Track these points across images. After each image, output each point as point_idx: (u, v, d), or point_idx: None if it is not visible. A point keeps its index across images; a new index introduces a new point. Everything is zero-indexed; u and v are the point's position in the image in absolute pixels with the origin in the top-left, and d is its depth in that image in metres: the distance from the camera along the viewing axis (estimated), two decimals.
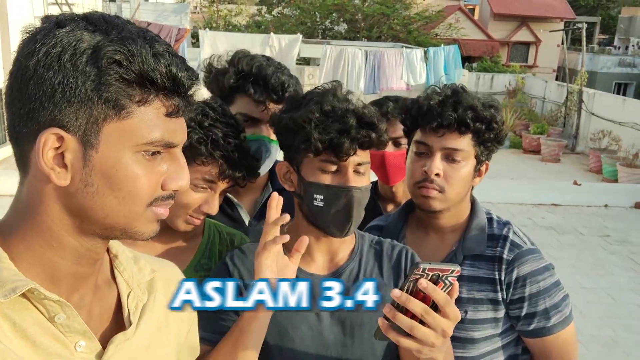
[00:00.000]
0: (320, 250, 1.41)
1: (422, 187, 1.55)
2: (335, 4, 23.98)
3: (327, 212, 1.32)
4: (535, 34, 29.00)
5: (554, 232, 7.52)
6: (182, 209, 1.42)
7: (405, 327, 1.02)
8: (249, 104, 1.69)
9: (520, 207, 8.41)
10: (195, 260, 1.53)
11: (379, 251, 1.47)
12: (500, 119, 1.59)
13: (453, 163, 1.54)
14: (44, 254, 0.80)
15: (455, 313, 1.04)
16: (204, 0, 32.77)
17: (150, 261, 1.03)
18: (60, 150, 0.75)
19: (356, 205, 1.31)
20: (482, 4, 31.31)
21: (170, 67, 0.77)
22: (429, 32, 25.05)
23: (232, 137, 1.43)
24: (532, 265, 1.55)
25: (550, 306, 1.54)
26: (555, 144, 12.75)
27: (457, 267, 1.02)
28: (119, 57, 0.74)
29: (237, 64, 1.71)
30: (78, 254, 0.82)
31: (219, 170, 1.42)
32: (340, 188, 1.30)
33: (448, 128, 1.53)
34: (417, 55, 12.01)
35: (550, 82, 16.45)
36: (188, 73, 0.80)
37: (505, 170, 11.30)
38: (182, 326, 1.05)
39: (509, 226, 1.64)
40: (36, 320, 0.78)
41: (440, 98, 1.57)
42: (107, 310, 0.90)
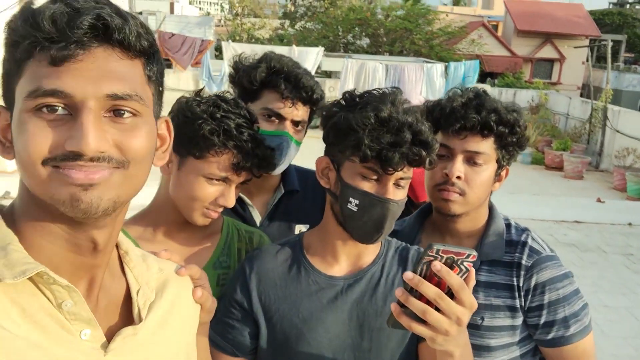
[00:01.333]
0: (345, 253, 1.39)
1: (443, 189, 1.52)
2: (358, 19, 24.14)
3: (359, 218, 1.29)
4: (560, 50, 28.77)
5: (576, 249, 7.39)
6: (198, 203, 1.41)
7: (418, 312, 0.99)
8: (277, 100, 1.69)
9: (541, 223, 8.28)
10: (214, 257, 1.53)
11: (404, 257, 1.43)
12: (523, 123, 1.56)
13: (474, 166, 1.52)
14: (37, 240, 0.79)
15: (471, 300, 1.00)
16: (228, 13, 33.25)
17: (157, 260, 1.03)
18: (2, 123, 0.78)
19: (389, 218, 1.29)
20: (506, 20, 31.20)
21: (54, 14, 0.72)
22: (451, 47, 25.03)
23: (245, 128, 1.43)
24: (551, 272, 1.52)
25: (570, 315, 1.50)
26: (578, 160, 12.57)
27: (473, 251, 0.98)
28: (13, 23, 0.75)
29: (269, 60, 1.72)
30: (66, 240, 0.79)
31: (233, 161, 1.41)
32: (378, 198, 1.26)
33: (471, 130, 1.51)
34: (438, 70, 12.01)
35: (574, 99, 16.27)
36: (78, 16, 0.72)
37: (527, 186, 11.17)
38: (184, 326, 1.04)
39: (528, 232, 1.61)
40: (42, 305, 0.77)
41: (463, 100, 1.55)
42: (114, 304, 0.90)
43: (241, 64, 1.76)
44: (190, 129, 1.37)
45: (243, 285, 1.37)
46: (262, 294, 1.36)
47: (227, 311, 1.36)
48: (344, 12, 25.27)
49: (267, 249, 1.44)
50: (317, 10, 27.85)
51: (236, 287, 1.38)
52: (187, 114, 1.40)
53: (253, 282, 1.36)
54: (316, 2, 28.30)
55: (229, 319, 1.36)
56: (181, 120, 1.38)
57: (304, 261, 1.39)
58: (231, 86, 1.80)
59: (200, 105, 1.41)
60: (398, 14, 24.78)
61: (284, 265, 1.39)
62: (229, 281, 1.46)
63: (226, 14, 33.76)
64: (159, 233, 1.49)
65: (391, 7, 25.62)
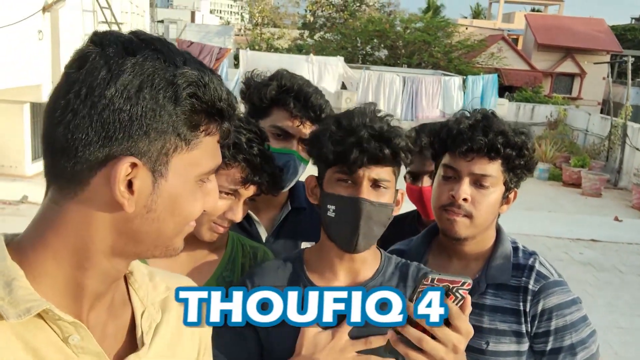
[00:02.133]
0: (343, 269, 1.39)
1: (449, 211, 1.52)
2: (376, 30, 24.17)
3: (337, 223, 1.32)
4: (580, 65, 28.53)
5: (592, 268, 7.29)
6: (205, 217, 1.41)
7: (414, 340, 1.00)
8: (286, 118, 1.71)
9: (557, 241, 8.19)
10: (217, 273, 1.53)
11: (404, 274, 1.44)
12: (531, 145, 1.55)
13: (481, 189, 1.51)
14: (72, 273, 0.79)
15: (467, 328, 1.02)
16: (247, 23, 33.54)
17: (165, 278, 1.01)
18: (130, 177, 0.76)
19: (364, 218, 1.30)
20: (526, 34, 31.04)
21: (229, 95, 0.80)
22: (470, 60, 24.95)
23: (255, 143, 1.44)
24: (559, 298, 1.50)
25: (577, 342, 1.48)
26: (596, 177, 12.41)
27: (468, 279, 0.99)
28: (194, 89, 0.76)
29: (280, 78, 1.74)
30: (106, 274, 0.82)
31: (242, 175, 1.42)
32: (349, 198, 1.30)
33: (478, 153, 1.50)
34: (455, 83, 11.97)
35: (594, 115, 16.09)
36: (233, 97, 0.83)
37: (543, 203, 11.06)
38: (194, 345, 1.03)
39: (535, 256, 1.59)
40: (50, 340, 0.77)
41: (470, 122, 1.54)
42: (121, 329, 0.89)
43: (253, 80, 1.79)
44: None
45: None
46: None
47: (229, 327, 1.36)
48: (362, 23, 25.33)
49: (269, 265, 1.45)
50: (336, 22, 27.98)
51: None
52: None
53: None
54: (335, 13, 28.43)
55: (231, 334, 1.35)
56: None
57: (304, 278, 1.39)
58: (242, 102, 1.81)
59: None
60: (417, 26, 24.78)
61: (284, 281, 1.39)
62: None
63: (246, 24, 34.05)
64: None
65: (410, 19, 25.64)
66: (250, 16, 33.99)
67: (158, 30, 43.20)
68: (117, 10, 13.78)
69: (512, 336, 1.51)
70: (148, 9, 22.23)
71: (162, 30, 43.30)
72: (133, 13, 17.81)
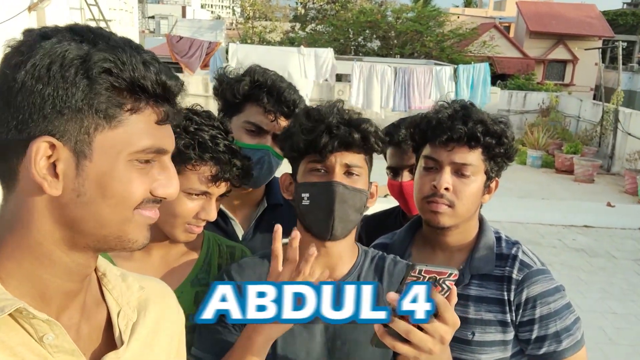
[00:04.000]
0: (318, 263, 1.38)
1: (432, 202, 1.52)
2: (368, 21, 24.11)
3: (312, 210, 1.33)
4: (572, 52, 28.54)
5: (585, 254, 7.32)
6: (179, 219, 1.41)
7: (402, 332, 1.00)
8: (260, 113, 1.70)
9: (550, 228, 8.22)
10: (193, 274, 1.52)
11: (380, 267, 1.45)
12: (510, 134, 1.56)
13: (463, 178, 1.51)
14: (34, 271, 0.78)
15: (454, 319, 1.02)
16: (239, 17, 33.40)
17: (138, 278, 1.01)
18: (52, 160, 0.75)
19: (339, 201, 1.31)
20: (518, 21, 31.02)
21: (160, 74, 0.78)
22: (462, 49, 24.92)
23: (220, 139, 1.43)
24: (542, 286, 1.51)
25: (562, 329, 1.49)
26: (589, 164, 12.44)
27: (454, 270, 1.00)
28: (109, 65, 0.74)
29: (253, 74, 1.73)
30: (69, 270, 0.81)
31: (212, 172, 1.41)
32: (323, 183, 1.32)
33: (458, 142, 1.50)
34: (447, 73, 11.94)
35: (585, 101, 16.10)
36: (176, 81, 0.81)
37: (536, 190, 11.09)
38: (172, 343, 1.03)
39: (518, 246, 1.60)
40: (23, 341, 0.77)
41: (449, 112, 1.54)
42: (96, 329, 0.89)
43: (226, 76, 1.77)
44: None
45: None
46: None
47: (214, 325, 1.35)
48: (354, 14, 25.26)
49: (246, 262, 1.44)
50: (328, 13, 27.86)
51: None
52: None
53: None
54: (327, 5, 28.31)
55: (217, 333, 1.35)
56: None
57: None
58: (215, 99, 1.80)
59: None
60: (408, 16, 24.72)
61: (262, 278, 1.38)
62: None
63: (237, 18, 33.91)
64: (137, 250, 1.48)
65: (402, 9, 25.56)
66: (241, 10, 33.84)
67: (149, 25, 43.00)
68: (104, 7, 13.69)
69: (498, 326, 1.52)
70: (137, 5, 22.09)
71: (154, 26, 43.11)
72: (121, 10, 17.70)
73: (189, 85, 14.52)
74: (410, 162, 1.96)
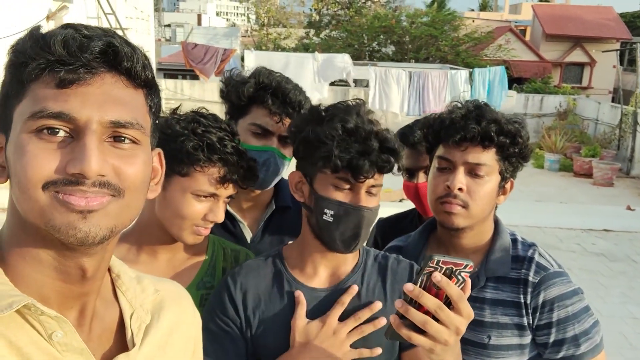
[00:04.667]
0: (323, 265, 1.40)
1: (445, 202, 1.50)
2: (382, 26, 24.12)
3: (335, 228, 1.31)
4: (590, 54, 28.26)
5: (605, 258, 7.21)
6: (187, 221, 1.41)
7: (419, 323, 1.01)
8: (265, 115, 1.69)
9: (568, 232, 8.11)
10: (198, 277, 1.52)
11: (383, 266, 1.45)
12: (525, 134, 1.54)
13: (476, 178, 1.50)
14: (24, 269, 0.77)
15: (468, 310, 1.03)
16: (254, 24, 33.62)
17: (153, 281, 1.00)
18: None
19: (365, 225, 1.31)
20: (534, 24, 30.82)
21: (65, 38, 0.73)
22: (477, 53, 24.80)
23: (227, 140, 1.43)
24: (559, 289, 1.48)
25: (580, 332, 1.46)
26: (608, 167, 12.29)
27: (470, 262, 1.01)
28: (15, 45, 0.75)
29: (258, 76, 1.72)
30: (55, 268, 0.78)
31: (219, 174, 1.41)
32: (352, 207, 1.30)
33: (471, 142, 1.49)
34: (462, 76, 11.91)
35: (604, 104, 15.91)
36: (89, 42, 0.74)
37: (554, 194, 10.97)
38: (187, 346, 1.02)
39: (535, 248, 1.57)
40: (32, 339, 0.76)
41: (462, 112, 1.53)
42: (107, 330, 0.88)
43: (232, 79, 1.77)
44: (172, 147, 1.36)
45: (230, 299, 1.36)
46: (247, 309, 1.36)
47: (215, 328, 1.35)
48: (368, 20, 25.29)
49: (250, 264, 1.44)
50: (342, 19, 27.94)
51: (223, 302, 1.37)
52: (168, 132, 1.39)
53: (238, 297, 1.36)
54: (341, 10, 28.40)
55: (217, 335, 1.35)
56: (162, 139, 1.37)
57: (287, 274, 1.39)
58: (222, 102, 1.80)
59: (180, 123, 1.41)
60: (423, 20, 24.68)
61: (267, 279, 1.39)
62: (211, 298, 1.44)
63: (252, 25, 34.14)
64: (143, 253, 1.48)
65: (416, 13, 25.54)
66: (256, 17, 34.07)
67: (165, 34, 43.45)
68: (121, 16, 13.87)
69: (514, 329, 1.49)
70: (153, 14, 22.30)
71: (170, 34, 43.57)
72: (138, 18, 17.90)
73: (205, 92, 14.61)
74: (425, 163, 1.95)
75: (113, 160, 0.75)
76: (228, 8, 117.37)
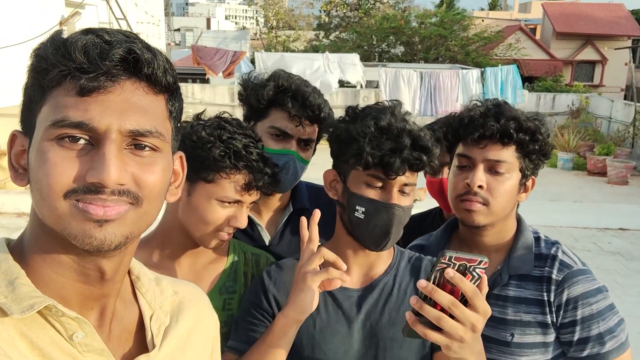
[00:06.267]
0: (356, 264, 1.41)
1: (465, 200, 1.50)
2: (392, 27, 24.10)
3: (366, 225, 1.32)
4: (601, 52, 28.06)
5: (621, 257, 7.14)
6: (211, 227, 1.41)
7: (433, 319, 1.00)
8: (284, 118, 1.69)
9: (584, 232, 8.04)
10: (220, 282, 1.53)
11: (417, 267, 1.45)
12: (545, 130, 1.53)
13: (497, 175, 1.49)
14: (45, 271, 0.78)
15: (484, 307, 1.01)
16: (263, 27, 33.71)
17: (172, 282, 1.01)
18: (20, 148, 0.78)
19: (396, 223, 1.31)
20: (544, 23, 30.65)
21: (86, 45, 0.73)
22: (487, 52, 24.70)
23: (252, 147, 1.43)
24: (584, 287, 1.47)
25: (605, 331, 1.45)
26: (622, 165, 12.17)
27: (484, 258, 0.99)
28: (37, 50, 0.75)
29: (277, 79, 1.72)
30: (75, 270, 0.78)
31: (245, 181, 1.41)
32: (383, 204, 1.30)
33: (490, 139, 1.48)
34: (473, 76, 11.87)
35: (617, 102, 15.76)
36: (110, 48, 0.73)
37: (568, 193, 10.88)
38: (205, 347, 1.03)
39: (558, 245, 1.56)
40: (53, 339, 0.76)
41: (481, 110, 1.53)
42: (127, 332, 0.88)
43: (250, 82, 1.76)
44: (199, 153, 1.37)
45: (264, 293, 1.39)
46: (279, 304, 1.37)
47: (251, 319, 1.38)
48: (377, 21, 25.29)
49: (286, 263, 1.46)
50: (351, 21, 27.97)
51: (259, 296, 1.40)
52: (194, 139, 1.39)
53: (272, 292, 1.39)
54: (350, 12, 28.41)
55: (254, 325, 1.36)
56: (188, 145, 1.37)
57: None
58: (240, 104, 1.80)
59: (206, 129, 1.41)
60: (432, 21, 24.62)
61: None
62: (247, 292, 1.46)
63: (261, 28, 34.23)
64: (165, 258, 1.49)
65: (425, 14, 25.48)
66: (265, 20, 34.16)
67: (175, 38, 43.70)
68: (132, 21, 13.96)
69: (538, 327, 1.49)
70: (163, 18, 22.46)
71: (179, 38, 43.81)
72: (148, 23, 18.02)
73: (216, 95, 14.66)
74: (449, 158, 1.94)
75: (132, 168, 0.76)
76: (237, 11, 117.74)
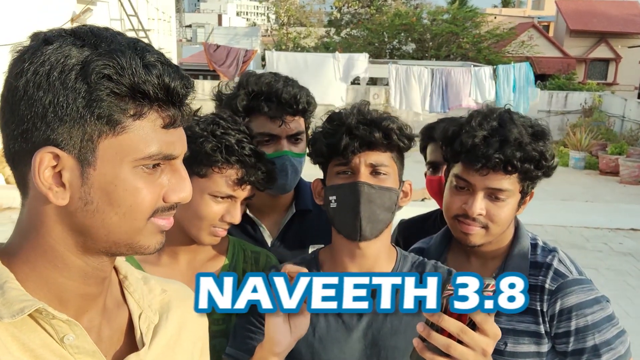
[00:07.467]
0: (355, 267, 1.37)
1: (463, 222, 1.47)
2: (403, 24, 23.99)
3: (340, 212, 1.33)
4: (615, 50, 27.76)
5: (633, 258, 7.06)
6: (204, 222, 1.42)
7: (442, 347, 0.99)
8: (266, 122, 1.67)
9: (595, 232, 7.96)
10: None
11: (420, 273, 1.40)
12: (550, 152, 1.47)
13: (497, 201, 1.45)
14: (49, 275, 0.79)
15: (494, 330, 1.00)
16: (274, 23, 33.74)
17: (160, 281, 1.02)
18: (58, 169, 0.74)
19: (364, 201, 1.30)
20: (558, 20, 30.38)
21: (162, 77, 0.75)
22: (500, 50, 24.52)
23: (245, 142, 1.44)
24: (578, 297, 1.44)
25: (601, 342, 1.42)
26: (635, 164, 12.05)
27: (492, 280, 0.96)
28: (109, 71, 0.72)
29: (246, 85, 1.69)
30: (84, 273, 0.81)
31: (237, 176, 1.42)
32: (347, 184, 1.31)
33: (493, 169, 1.42)
34: (486, 72, 11.80)
35: (630, 100, 15.59)
36: (182, 82, 0.77)
37: (580, 192, 10.79)
38: (195, 346, 1.03)
39: (554, 254, 1.52)
40: (44, 342, 0.77)
41: (484, 133, 1.44)
42: (117, 331, 0.89)
43: (222, 94, 1.74)
44: (191, 148, 1.36)
45: None
46: None
47: (249, 326, 1.36)
48: (389, 18, 25.17)
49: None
50: (363, 17, 27.87)
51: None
52: (187, 134, 1.39)
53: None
54: (361, 9, 28.32)
55: (252, 332, 1.35)
56: None
57: None
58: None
59: (199, 124, 1.43)
60: (444, 17, 24.47)
61: None
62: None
63: (272, 24, 34.26)
64: (164, 255, 1.49)
65: (437, 11, 25.34)
66: (276, 16, 34.16)
67: (186, 34, 43.87)
68: (143, 17, 14.02)
69: (531, 337, 1.47)
70: (174, 15, 22.55)
71: (191, 34, 43.97)
72: (160, 19, 18.07)
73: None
74: None
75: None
76: (248, 8, 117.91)
